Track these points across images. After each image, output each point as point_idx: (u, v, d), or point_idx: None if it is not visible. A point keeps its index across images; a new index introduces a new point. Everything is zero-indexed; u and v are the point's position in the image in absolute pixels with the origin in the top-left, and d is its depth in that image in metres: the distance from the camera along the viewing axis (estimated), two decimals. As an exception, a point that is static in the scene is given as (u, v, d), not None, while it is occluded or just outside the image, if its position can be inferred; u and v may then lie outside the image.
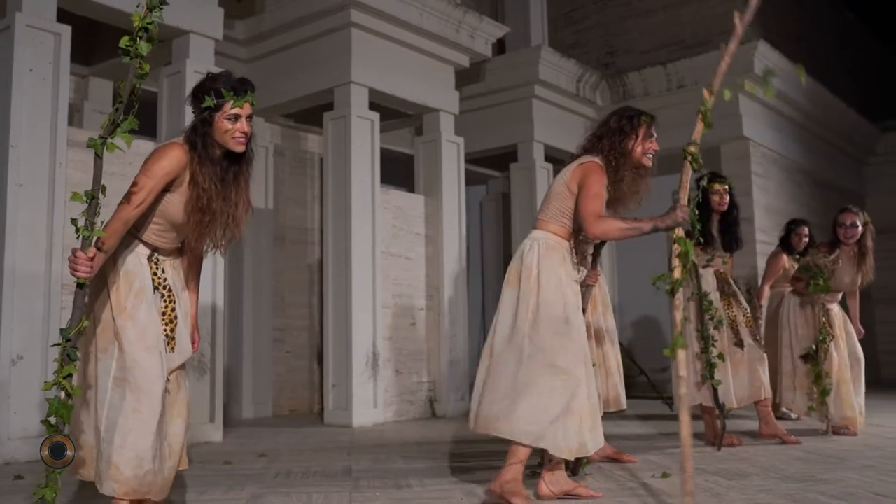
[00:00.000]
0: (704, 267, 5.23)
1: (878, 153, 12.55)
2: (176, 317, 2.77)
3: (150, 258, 2.73)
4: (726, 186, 5.19)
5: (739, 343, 5.13)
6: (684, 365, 2.81)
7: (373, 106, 7.13)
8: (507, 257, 9.38)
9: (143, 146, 5.61)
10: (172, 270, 2.81)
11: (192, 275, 2.96)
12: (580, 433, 3.11)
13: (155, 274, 2.73)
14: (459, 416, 7.11)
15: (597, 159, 3.39)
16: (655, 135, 3.46)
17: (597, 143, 3.49)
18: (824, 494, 3.36)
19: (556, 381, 3.12)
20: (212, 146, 2.68)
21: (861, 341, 5.95)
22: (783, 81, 9.49)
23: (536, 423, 3.09)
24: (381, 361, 6.80)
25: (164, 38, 5.93)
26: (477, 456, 4.71)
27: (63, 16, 5.13)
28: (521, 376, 3.15)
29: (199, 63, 5.83)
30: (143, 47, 2.47)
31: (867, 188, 12.63)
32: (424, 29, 7.31)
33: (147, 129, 5.99)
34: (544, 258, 3.28)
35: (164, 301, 2.75)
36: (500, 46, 9.42)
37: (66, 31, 5.03)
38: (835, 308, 5.83)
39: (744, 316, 5.23)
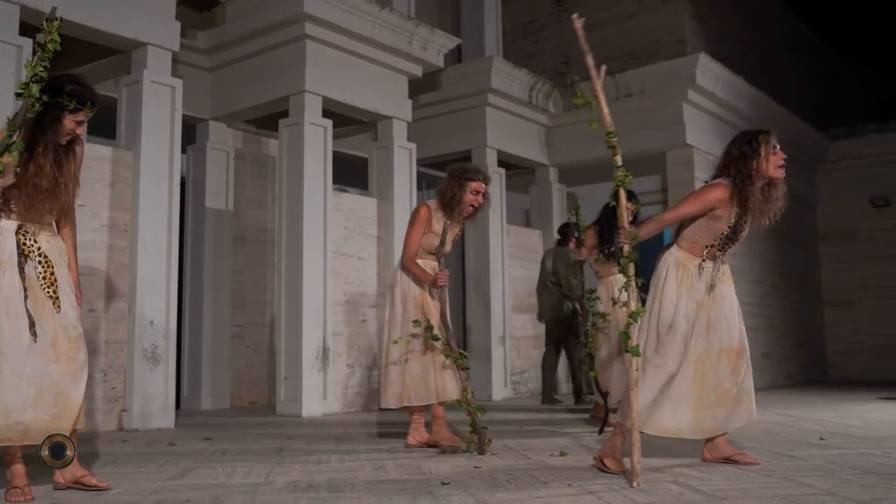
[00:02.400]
0: (613, 276, 5.77)
1: (827, 160, 13.02)
2: (56, 280, 3.27)
3: (18, 231, 3.24)
4: (635, 208, 5.60)
5: None
6: (634, 366, 3.53)
7: (329, 113, 7.52)
8: (460, 256, 9.79)
9: (102, 151, 6.02)
10: (48, 241, 3.31)
11: (68, 243, 3.47)
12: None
13: (25, 244, 3.24)
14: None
15: (722, 179, 3.82)
16: (778, 146, 3.82)
17: (724, 172, 3.86)
18: (714, 471, 3.78)
19: None
20: (54, 138, 3.23)
21: (812, 342, 6.46)
22: (728, 91, 9.94)
23: None
24: (331, 356, 7.19)
25: (124, 49, 6.32)
26: (403, 436, 5.06)
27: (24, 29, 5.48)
28: None
29: (156, 73, 6.22)
30: (34, 89, 2.99)
31: (817, 195, 13.11)
32: (377, 41, 7.71)
33: (108, 133, 6.40)
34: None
35: (42, 266, 3.26)
36: (457, 56, 9.84)
37: (27, 43, 5.38)
38: None
39: None
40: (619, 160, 3.63)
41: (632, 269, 3.61)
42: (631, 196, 5.74)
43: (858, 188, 12.81)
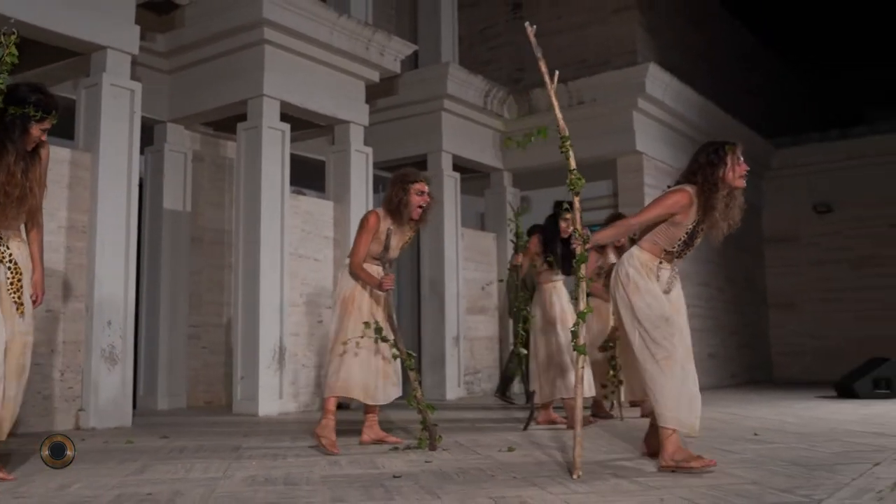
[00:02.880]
0: (552, 282, 6.06)
1: (773, 168, 13.45)
2: (22, 286, 3.46)
3: None
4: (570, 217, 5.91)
5: None
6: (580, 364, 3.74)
7: (287, 117, 7.64)
8: (415, 259, 9.97)
9: (61, 153, 6.08)
10: (18, 248, 3.50)
11: (34, 245, 3.64)
12: None
13: None
14: (360, 405, 7.63)
15: (685, 186, 3.92)
16: (742, 157, 3.95)
17: (691, 178, 3.94)
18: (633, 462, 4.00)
19: None
20: (23, 147, 3.43)
21: (756, 344, 6.78)
22: (677, 100, 10.26)
23: None
24: (287, 356, 7.31)
25: (83, 51, 6.39)
26: (358, 434, 5.21)
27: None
28: None
29: (115, 77, 6.30)
30: None
31: (763, 201, 13.53)
32: (335, 46, 7.85)
33: (67, 134, 6.45)
34: None
35: (12, 272, 3.44)
36: (415, 61, 10.02)
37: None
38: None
39: None
40: (572, 163, 3.80)
41: (583, 271, 3.79)
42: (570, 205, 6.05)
43: (802, 195, 13.25)
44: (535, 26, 4.02)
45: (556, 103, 3.91)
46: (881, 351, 10.98)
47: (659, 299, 3.90)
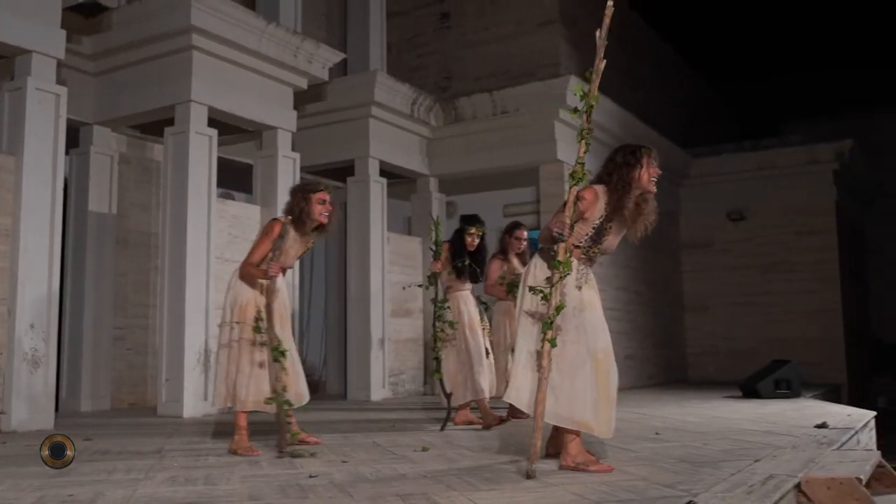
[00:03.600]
0: (460, 290, 6.39)
1: (690, 176, 14.00)
2: None
3: None
4: (481, 231, 6.32)
5: (487, 352, 6.29)
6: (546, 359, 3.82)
7: (215, 122, 7.73)
8: (342, 263, 10.15)
9: (-17, 156, 6.08)
10: None
11: None
12: None
13: None
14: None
15: (595, 185, 4.04)
16: (656, 161, 4.10)
17: (606, 178, 4.05)
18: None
19: None
20: None
21: (672, 345, 7.14)
22: (598, 111, 10.62)
23: None
24: (212, 358, 7.41)
25: (8, 55, 6.40)
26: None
27: None
28: None
29: (40, 81, 6.34)
30: None
31: (680, 208, 14.09)
32: (263, 54, 7.97)
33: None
34: None
35: None
36: (345, 67, 10.18)
37: None
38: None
39: (487, 329, 6.44)
40: (581, 149, 3.92)
41: (556, 276, 3.87)
42: (475, 220, 6.39)
43: (717, 203, 13.83)
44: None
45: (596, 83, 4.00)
46: (788, 351, 11.65)
47: (566, 298, 3.96)
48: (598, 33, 4.00)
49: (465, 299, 6.37)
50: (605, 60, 3.99)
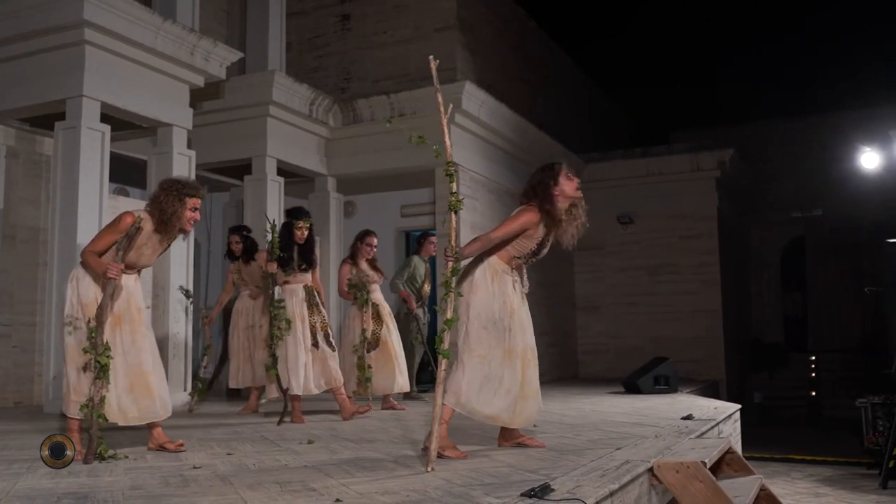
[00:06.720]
0: (288, 283, 6.51)
1: (583, 181, 14.44)
2: None
3: None
4: (308, 224, 6.56)
5: (315, 344, 6.42)
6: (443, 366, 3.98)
7: (108, 117, 7.67)
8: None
9: None
10: None
11: None
12: None
13: None
14: (179, 404, 7.82)
15: (531, 204, 4.44)
16: (573, 171, 4.56)
17: (532, 198, 4.46)
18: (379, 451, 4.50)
19: None
20: None
21: (565, 343, 7.44)
22: (492, 117, 10.99)
23: None
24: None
25: None
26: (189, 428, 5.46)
27: None
28: None
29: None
30: None
31: (573, 210, 14.59)
32: (159, 50, 7.96)
33: None
34: None
35: None
36: (243, 65, 10.20)
37: None
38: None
39: (321, 322, 6.53)
40: (454, 186, 4.16)
41: (453, 283, 4.08)
42: (302, 214, 6.57)
43: (608, 207, 14.37)
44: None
45: (446, 133, 4.43)
46: (673, 350, 12.28)
47: (494, 302, 4.41)
48: (436, 94, 4.51)
49: (293, 292, 6.45)
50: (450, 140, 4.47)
